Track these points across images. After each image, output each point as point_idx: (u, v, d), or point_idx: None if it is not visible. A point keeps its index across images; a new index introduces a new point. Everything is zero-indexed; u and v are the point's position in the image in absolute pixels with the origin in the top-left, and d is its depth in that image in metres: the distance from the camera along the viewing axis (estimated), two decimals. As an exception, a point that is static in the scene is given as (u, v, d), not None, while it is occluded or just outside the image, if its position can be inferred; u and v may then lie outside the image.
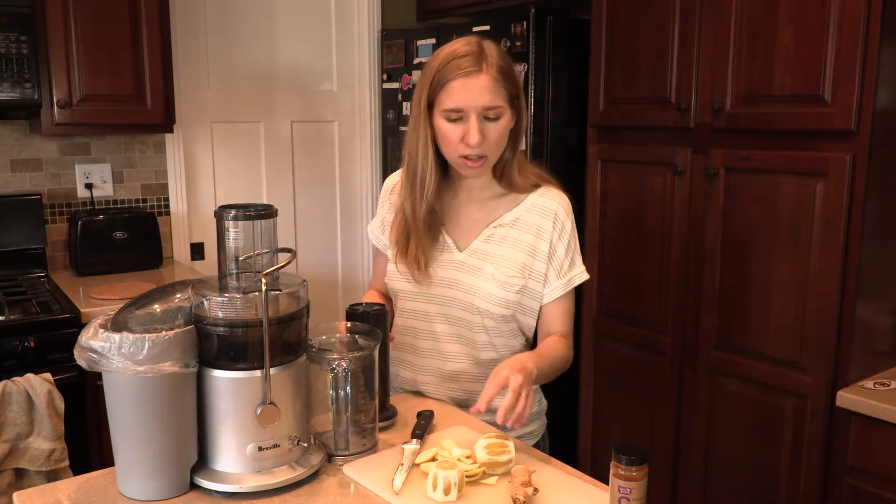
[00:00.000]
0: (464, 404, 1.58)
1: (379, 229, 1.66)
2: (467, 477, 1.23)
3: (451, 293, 1.54)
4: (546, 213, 1.54)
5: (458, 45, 1.43)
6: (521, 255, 1.53)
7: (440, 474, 1.17)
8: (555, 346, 1.55)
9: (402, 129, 3.30)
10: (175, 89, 2.84)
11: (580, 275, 1.60)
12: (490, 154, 1.45)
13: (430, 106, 1.45)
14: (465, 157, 1.44)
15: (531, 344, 1.64)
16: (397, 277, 1.58)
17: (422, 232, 1.51)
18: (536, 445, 1.61)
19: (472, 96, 1.39)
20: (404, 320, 1.60)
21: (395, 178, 1.63)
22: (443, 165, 1.51)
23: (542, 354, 1.48)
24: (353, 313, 1.42)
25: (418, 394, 1.63)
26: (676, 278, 2.32)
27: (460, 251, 1.54)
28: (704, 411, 2.28)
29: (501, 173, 1.53)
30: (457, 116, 1.41)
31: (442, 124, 1.43)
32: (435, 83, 1.42)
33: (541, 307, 1.58)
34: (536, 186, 1.56)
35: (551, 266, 1.55)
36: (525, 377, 1.31)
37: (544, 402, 1.72)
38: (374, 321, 1.40)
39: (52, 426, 2.11)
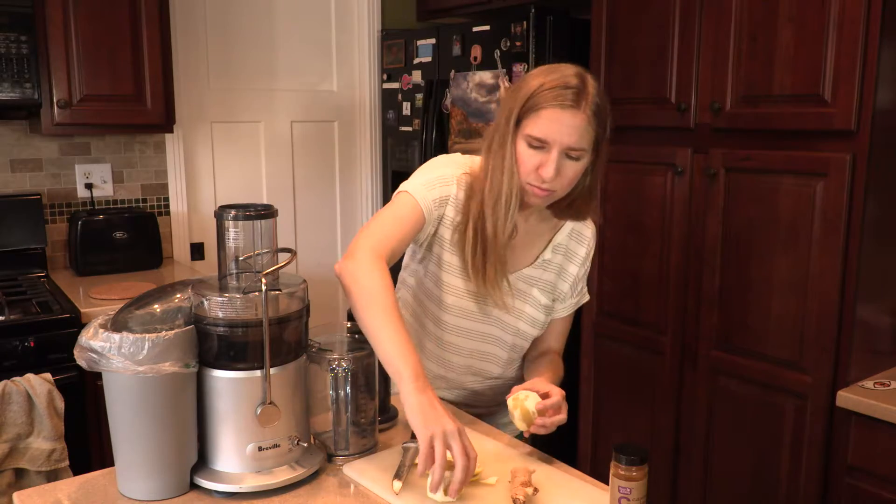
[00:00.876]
0: (466, 403, 1.61)
1: (435, 204, 1.46)
2: (467, 477, 1.23)
3: (498, 313, 1.54)
4: (582, 239, 1.58)
5: (565, 74, 1.37)
6: (554, 277, 1.57)
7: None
8: (558, 365, 1.60)
9: (403, 128, 3.30)
10: (175, 89, 2.84)
11: (586, 294, 1.66)
12: (559, 191, 1.40)
13: (518, 125, 1.38)
14: (534, 185, 1.39)
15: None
16: (454, 293, 1.51)
17: (501, 251, 1.44)
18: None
19: (560, 131, 1.34)
20: (451, 317, 1.53)
21: (452, 186, 1.47)
22: None
23: (558, 376, 1.55)
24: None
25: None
26: (676, 278, 2.32)
27: (510, 273, 1.51)
28: (704, 411, 2.28)
29: (568, 206, 1.48)
30: (539, 145, 1.36)
31: (521, 147, 1.37)
32: (529, 105, 1.36)
33: (553, 319, 1.63)
34: (580, 218, 1.55)
35: (572, 288, 1.61)
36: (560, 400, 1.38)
37: None
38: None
39: (52, 426, 2.11)
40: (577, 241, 1.57)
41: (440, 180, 1.46)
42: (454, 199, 1.46)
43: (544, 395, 1.36)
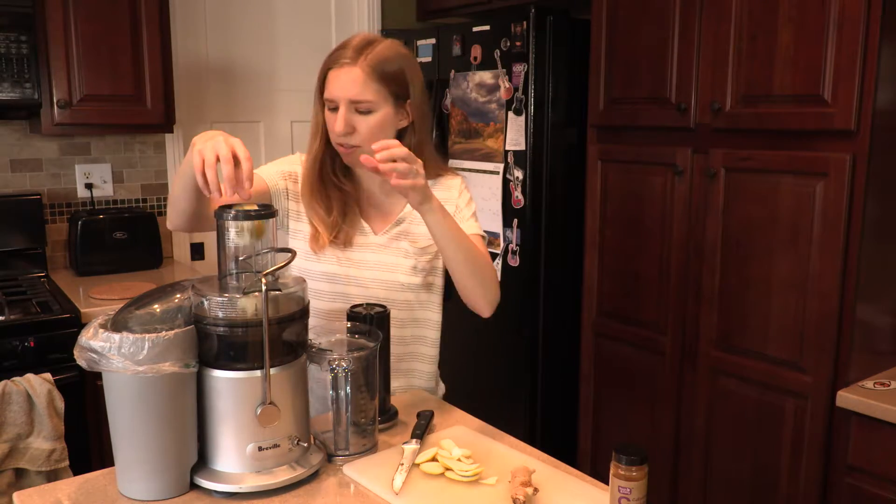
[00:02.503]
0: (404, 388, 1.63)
1: (278, 175, 1.59)
2: (467, 477, 1.24)
3: (373, 274, 1.57)
4: (449, 188, 1.63)
5: (351, 38, 1.50)
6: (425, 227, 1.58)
7: None
8: (477, 244, 1.56)
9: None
10: (175, 89, 2.84)
11: (479, 229, 1.62)
12: (363, 145, 1.48)
13: (321, 88, 1.52)
14: (338, 144, 1.50)
15: (440, 327, 1.69)
16: (313, 259, 1.56)
17: (329, 206, 1.53)
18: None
19: (340, 88, 1.46)
20: (325, 304, 1.57)
21: (297, 166, 1.61)
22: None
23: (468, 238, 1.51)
24: (354, 315, 1.42)
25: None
26: (676, 278, 2.32)
27: (375, 234, 1.58)
28: (704, 411, 2.28)
29: None
30: (332, 106, 1.48)
31: (326, 114, 1.51)
32: (322, 73, 1.51)
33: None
34: (438, 175, 1.63)
35: (458, 219, 1.57)
36: (416, 166, 1.33)
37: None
38: (376, 323, 1.40)
39: (52, 426, 2.11)
40: (443, 191, 1.60)
41: (285, 161, 1.62)
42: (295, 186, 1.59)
43: None
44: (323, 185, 1.55)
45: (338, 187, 1.56)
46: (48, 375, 2.15)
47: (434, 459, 1.29)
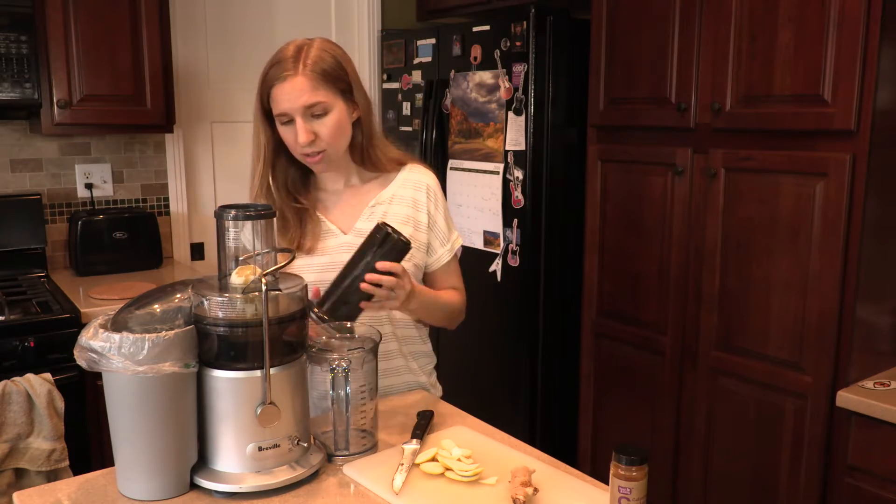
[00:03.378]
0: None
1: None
2: (467, 477, 1.24)
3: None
4: (419, 185, 1.63)
5: (280, 51, 1.48)
6: (405, 228, 1.57)
7: None
8: (450, 294, 1.64)
9: (403, 128, 3.30)
10: (175, 89, 2.84)
11: (458, 239, 1.69)
12: (329, 148, 1.50)
13: (269, 113, 1.50)
14: (305, 154, 1.50)
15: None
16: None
17: (287, 221, 1.54)
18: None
19: (290, 99, 1.44)
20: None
21: None
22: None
23: (434, 291, 1.58)
24: (379, 230, 1.37)
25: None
26: (676, 278, 2.32)
27: (345, 233, 1.58)
28: (704, 411, 2.28)
29: (361, 158, 1.59)
30: (287, 119, 1.47)
31: (280, 128, 1.50)
32: (264, 92, 1.48)
33: (428, 274, 1.66)
34: (402, 164, 1.64)
35: (434, 235, 1.63)
36: (407, 285, 1.39)
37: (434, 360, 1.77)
38: (392, 252, 1.37)
39: (52, 426, 2.11)
40: (414, 189, 1.62)
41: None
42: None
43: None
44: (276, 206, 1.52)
45: (290, 205, 1.56)
46: (48, 375, 2.15)
47: (434, 459, 1.29)
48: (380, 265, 1.34)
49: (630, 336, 2.49)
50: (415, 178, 1.63)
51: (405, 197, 1.61)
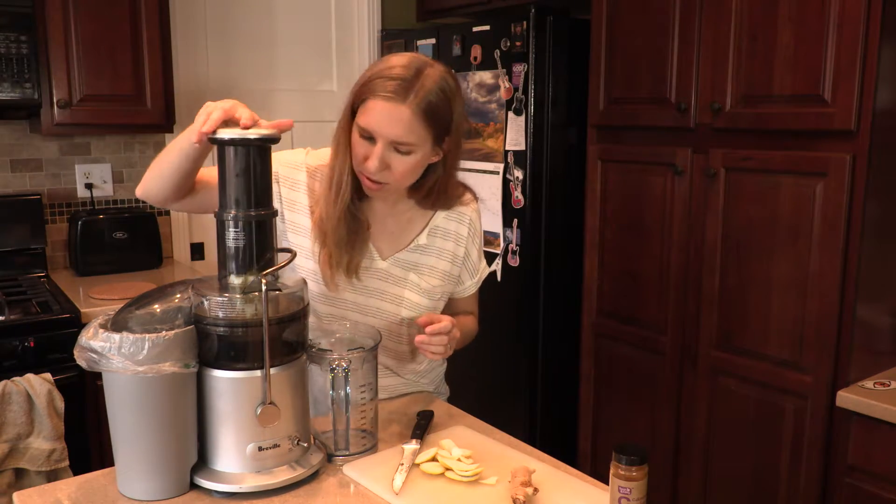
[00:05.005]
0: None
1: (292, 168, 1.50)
2: (467, 477, 1.24)
3: (376, 303, 1.50)
4: (462, 219, 1.57)
5: (397, 63, 1.34)
6: (442, 263, 1.54)
7: None
8: (466, 318, 1.62)
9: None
10: (175, 89, 2.84)
11: (485, 270, 1.67)
12: (393, 183, 1.39)
13: (355, 112, 1.38)
14: (364, 175, 1.38)
15: None
16: (311, 277, 1.47)
17: (342, 237, 1.42)
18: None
19: (384, 124, 1.32)
20: (320, 324, 1.50)
21: (300, 172, 1.51)
22: None
23: (462, 322, 1.54)
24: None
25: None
26: (676, 278, 2.32)
27: (384, 259, 1.50)
28: (704, 411, 2.28)
29: (425, 195, 1.48)
30: (367, 135, 1.35)
31: (355, 136, 1.38)
32: (360, 94, 1.35)
33: (450, 300, 1.63)
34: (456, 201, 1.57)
35: (465, 268, 1.60)
36: (456, 333, 1.42)
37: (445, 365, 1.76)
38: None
39: (52, 426, 2.11)
40: (457, 221, 1.56)
41: (284, 162, 1.51)
42: (306, 186, 1.49)
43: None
44: (343, 212, 1.41)
45: (353, 214, 1.43)
46: (48, 375, 2.15)
47: (434, 459, 1.29)
48: (430, 329, 1.37)
49: (630, 336, 2.49)
50: (458, 208, 1.56)
51: (449, 231, 1.55)
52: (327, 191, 1.43)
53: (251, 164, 1.20)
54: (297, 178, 1.49)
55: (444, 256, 1.55)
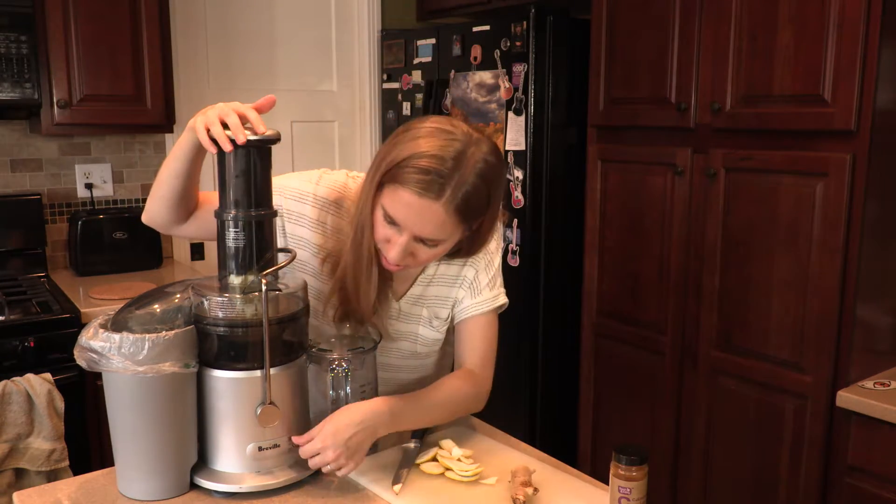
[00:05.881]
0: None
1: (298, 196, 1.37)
2: (467, 477, 1.24)
3: (392, 345, 1.43)
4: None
5: (436, 147, 1.18)
6: (449, 289, 1.43)
7: None
8: (448, 385, 1.38)
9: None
10: (175, 89, 2.84)
11: (496, 298, 1.43)
12: (413, 267, 1.32)
13: (379, 189, 1.23)
14: (384, 254, 1.27)
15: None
16: (322, 320, 1.38)
17: (370, 306, 1.32)
18: None
19: (413, 220, 1.20)
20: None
21: (338, 181, 1.39)
22: None
23: (414, 397, 1.32)
24: None
25: None
26: (676, 278, 2.32)
27: (397, 300, 1.41)
28: (704, 411, 2.28)
29: (451, 254, 1.36)
30: (391, 220, 1.22)
31: (377, 215, 1.24)
32: (391, 173, 1.20)
33: (455, 325, 1.45)
34: None
35: (468, 287, 1.42)
36: (339, 447, 1.18)
37: None
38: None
39: (52, 426, 2.11)
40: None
41: (294, 189, 1.37)
42: (312, 220, 1.37)
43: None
44: (370, 267, 1.28)
45: (379, 263, 1.29)
46: (48, 375, 2.15)
47: (434, 459, 1.29)
48: (295, 439, 1.21)
49: (630, 336, 2.49)
50: (486, 262, 1.43)
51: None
52: (356, 262, 1.28)
53: (251, 165, 1.20)
54: (302, 212, 1.37)
55: (448, 281, 1.42)
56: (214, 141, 1.17)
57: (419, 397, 1.32)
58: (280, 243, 1.36)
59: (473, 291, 1.42)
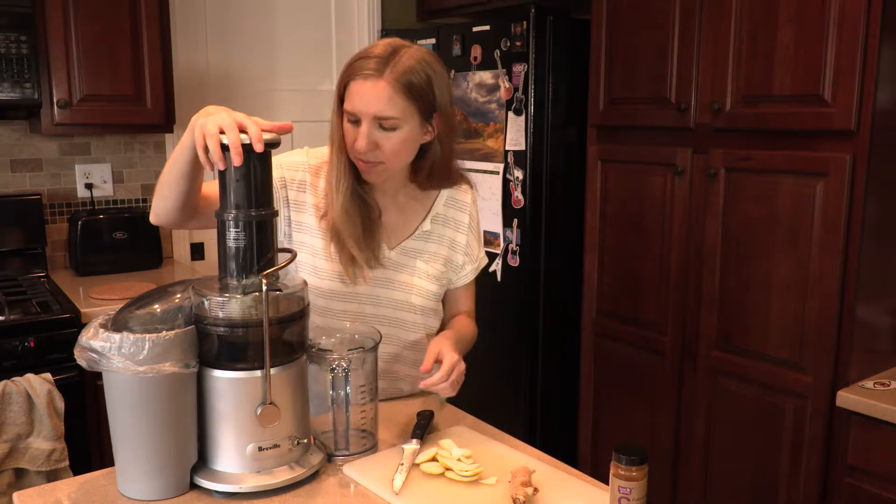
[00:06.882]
0: (392, 396, 1.60)
1: (278, 183, 1.47)
2: (467, 477, 1.24)
3: (385, 292, 1.52)
4: (462, 206, 1.60)
5: (374, 46, 1.39)
6: (444, 249, 1.58)
7: None
8: (466, 325, 1.62)
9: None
10: (175, 89, 2.84)
11: (484, 259, 1.67)
12: (388, 162, 1.41)
13: (342, 102, 1.41)
14: (359, 159, 1.41)
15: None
16: (325, 276, 1.49)
17: (357, 229, 1.44)
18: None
19: (364, 102, 1.35)
20: (336, 322, 1.50)
21: (322, 151, 1.53)
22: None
23: (460, 333, 1.53)
24: None
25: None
26: (676, 278, 2.32)
27: (390, 249, 1.53)
28: (704, 411, 2.28)
29: (426, 177, 1.52)
30: (353, 119, 1.38)
31: (345, 125, 1.41)
32: (343, 80, 1.40)
33: (448, 290, 1.64)
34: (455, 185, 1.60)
35: (467, 256, 1.62)
36: (458, 355, 1.38)
37: None
38: None
39: (52, 426, 2.11)
40: (457, 209, 1.60)
41: (286, 163, 1.51)
42: (310, 185, 1.50)
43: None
44: (349, 199, 1.43)
45: (362, 199, 1.45)
46: (48, 375, 2.15)
47: (434, 459, 1.29)
48: (438, 376, 1.33)
49: (630, 336, 2.49)
50: (458, 197, 1.59)
51: (449, 218, 1.58)
52: (331, 188, 1.45)
53: (251, 168, 1.20)
54: (302, 179, 1.51)
55: (444, 243, 1.58)
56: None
57: (458, 329, 1.54)
58: (282, 213, 1.49)
59: (471, 259, 1.63)
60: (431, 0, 3.32)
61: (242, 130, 1.18)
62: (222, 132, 1.17)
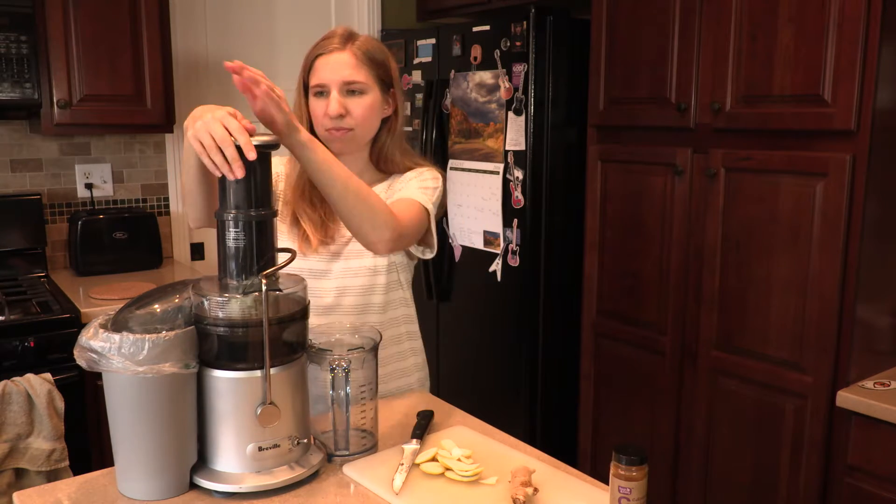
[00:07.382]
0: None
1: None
2: (467, 477, 1.24)
3: (346, 264, 1.56)
4: (418, 170, 1.62)
5: (331, 30, 1.54)
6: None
7: None
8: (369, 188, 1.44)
9: (403, 129, 3.29)
10: (175, 89, 2.84)
11: (425, 201, 1.52)
12: (357, 128, 1.52)
13: (307, 89, 1.53)
14: (330, 129, 1.51)
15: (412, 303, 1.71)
16: (300, 257, 1.54)
17: (314, 199, 1.54)
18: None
19: (332, 71, 1.49)
20: (316, 299, 1.54)
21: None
22: None
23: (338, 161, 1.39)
24: None
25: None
26: (676, 278, 2.32)
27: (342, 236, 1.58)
28: (704, 411, 2.28)
29: (378, 157, 1.61)
30: (321, 90, 1.50)
31: (312, 102, 1.52)
32: (307, 62, 1.53)
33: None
34: (418, 166, 1.63)
35: (404, 183, 1.57)
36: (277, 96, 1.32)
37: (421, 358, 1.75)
38: None
39: (52, 426, 2.11)
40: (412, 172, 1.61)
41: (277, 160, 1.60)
42: (285, 175, 1.61)
43: None
44: (311, 184, 1.52)
45: (314, 191, 1.53)
46: (48, 375, 2.15)
47: (434, 459, 1.29)
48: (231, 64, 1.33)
49: (630, 336, 2.49)
50: (417, 169, 1.62)
51: (402, 177, 1.60)
52: (292, 165, 1.57)
53: (251, 170, 1.20)
54: (278, 172, 1.62)
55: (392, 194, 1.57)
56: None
57: (332, 157, 1.34)
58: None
59: (408, 185, 1.56)
60: (431, 0, 3.32)
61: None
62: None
